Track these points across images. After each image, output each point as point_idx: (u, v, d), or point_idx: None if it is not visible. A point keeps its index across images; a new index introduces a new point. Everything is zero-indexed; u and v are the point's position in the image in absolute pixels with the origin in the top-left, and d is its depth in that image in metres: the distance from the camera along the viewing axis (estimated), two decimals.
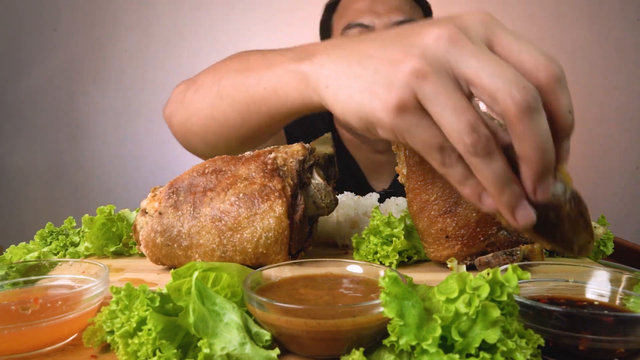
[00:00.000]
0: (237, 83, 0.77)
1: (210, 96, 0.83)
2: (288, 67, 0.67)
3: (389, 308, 0.41)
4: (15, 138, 3.13)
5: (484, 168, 0.46)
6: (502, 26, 0.50)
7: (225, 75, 0.81)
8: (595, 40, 2.80)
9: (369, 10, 1.42)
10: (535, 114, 0.45)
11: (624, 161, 2.87)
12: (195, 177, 0.74)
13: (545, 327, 0.44)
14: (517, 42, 0.48)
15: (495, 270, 0.42)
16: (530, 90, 0.44)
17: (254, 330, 0.47)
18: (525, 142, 0.45)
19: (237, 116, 0.79)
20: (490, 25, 0.50)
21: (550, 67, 0.47)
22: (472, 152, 0.46)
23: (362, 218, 0.96)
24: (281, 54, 0.72)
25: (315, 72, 0.62)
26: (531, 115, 0.44)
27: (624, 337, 0.43)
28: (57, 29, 3.05)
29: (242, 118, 0.79)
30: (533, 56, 0.47)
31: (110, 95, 3.07)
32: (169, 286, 0.51)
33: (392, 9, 1.42)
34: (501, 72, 0.45)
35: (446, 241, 0.72)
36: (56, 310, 0.48)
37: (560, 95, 0.47)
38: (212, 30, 2.97)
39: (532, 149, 0.45)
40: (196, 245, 0.70)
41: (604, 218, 0.90)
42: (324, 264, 0.59)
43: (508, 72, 0.45)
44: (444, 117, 0.47)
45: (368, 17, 1.41)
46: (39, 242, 0.90)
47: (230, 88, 0.79)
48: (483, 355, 0.38)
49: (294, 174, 0.72)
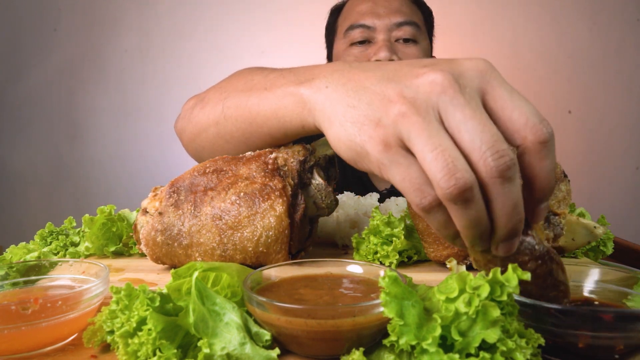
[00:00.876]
0: (240, 103, 0.79)
1: (215, 114, 0.85)
2: (288, 89, 0.69)
3: (388, 308, 0.41)
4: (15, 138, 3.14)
5: (459, 215, 0.46)
6: (500, 78, 0.50)
7: (230, 95, 0.83)
8: (595, 40, 2.80)
9: (370, 12, 1.48)
10: (507, 182, 0.44)
11: (624, 161, 2.87)
12: (196, 176, 0.74)
13: (544, 325, 0.44)
14: (511, 98, 0.48)
15: (496, 270, 0.42)
16: (505, 158, 0.44)
17: (254, 330, 0.47)
18: (495, 205, 0.45)
19: (240, 135, 0.81)
20: (487, 76, 0.49)
21: (539, 129, 0.46)
22: (448, 197, 0.45)
23: (362, 218, 0.96)
24: (283, 75, 0.74)
25: (312, 95, 0.63)
26: (503, 182, 0.44)
27: (623, 334, 0.43)
28: (57, 29, 3.05)
29: (245, 137, 0.81)
30: (524, 115, 0.47)
31: (110, 95, 3.07)
32: (169, 286, 0.51)
33: (393, 11, 1.48)
34: (481, 132, 0.45)
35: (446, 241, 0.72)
36: (56, 310, 0.48)
37: (545, 159, 0.46)
38: (212, 30, 2.98)
39: (501, 213, 0.45)
40: (196, 244, 0.70)
41: (604, 218, 0.90)
42: (324, 264, 0.59)
43: (488, 134, 0.45)
44: (424, 159, 0.46)
45: (370, 19, 1.47)
46: (39, 242, 0.90)
47: (233, 108, 0.81)
48: (483, 355, 0.38)
49: (295, 174, 0.72)
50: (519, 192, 0.45)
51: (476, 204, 0.45)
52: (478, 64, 0.51)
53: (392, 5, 1.48)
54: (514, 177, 0.44)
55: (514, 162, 0.44)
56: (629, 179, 2.88)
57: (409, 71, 0.52)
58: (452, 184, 0.44)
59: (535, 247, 0.48)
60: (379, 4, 1.49)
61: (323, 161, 0.79)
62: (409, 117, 0.48)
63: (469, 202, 0.45)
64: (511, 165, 0.44)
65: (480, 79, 0.49)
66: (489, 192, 0.45)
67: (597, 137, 2.85)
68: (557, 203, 0.72)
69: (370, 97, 0.53)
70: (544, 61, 2.79)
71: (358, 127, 0.53)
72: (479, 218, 0.45)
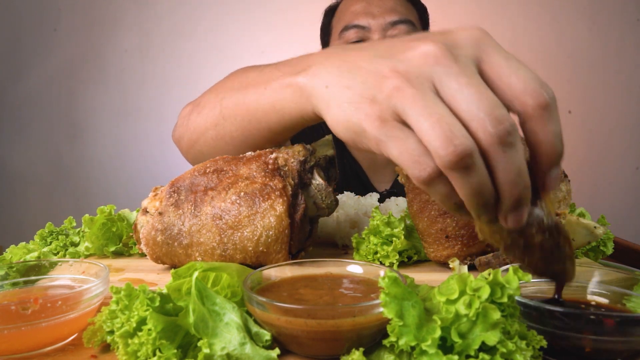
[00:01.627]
0: (238, 101, 0.79)
1: (213, 116, 0.85)
2: (284, 81, 0.69)
3: (388, 308, 0.41)
4: (15, 138, 3.13)
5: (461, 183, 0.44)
6: (495, 45, 0.48)
7: (226, 95, 0.83)
8: (595, 40, 2.80)
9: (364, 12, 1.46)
10: (508, 148, 0.43)
11: (624, 161, 2.87)
12: (196, 176, 0.74)
13: (547, 327, 0.44)
14: (508, 64, 0.46)
15: (496, 271, 0.42)
16: (504, 123, 0.43)
17: (254, 330, 0.47)
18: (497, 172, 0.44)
19: (240, 134, 0.81)
20: (482, 44, 0.48)
21: (539, 93, 0.44)
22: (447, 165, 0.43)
23: (362, 218, 0.96)
24: (278, 68, 0.74)
25: (309, 82, 0.63)
26: (504, 148, 0.43)
27: (626, 338, 0.43)
28: (57, 29, 3.05)
29: (245, 136, 0.81)
30: (522, 80, 0.45)
31: (110, 95, 3.07)
32: (169, 286, 0.51)
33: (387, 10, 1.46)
34: (478, 100, 0.44)
35: (446, 241, 0.72)
36: (56, 310, 0.48)
37: (548, 123, 0.45)
38: (212, 30, 2.97)
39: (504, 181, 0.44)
40: (196, 243, 0.70)
41: (604, 218, 0.90)
42: (324, 264, 0.59)
43: (485, 101, 0.43)
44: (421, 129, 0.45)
45: (364, 19, 1.46)
46: (39, 242, 0.90)
47: (231, 107, 0.81)
48: (482, 357, 0.38)
49: (295, 174, 0.72)
50: (521, 158, 0.44)
51: (477, 170, 0.43)
52: (472, 33, 0.49)
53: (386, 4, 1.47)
54: (514, 143, 0.43)
55: (514, 127, 0.43)
56: (629, 179, 2.88)
57: (401, 46, 0.51)
58: (451, 151, 0.42)
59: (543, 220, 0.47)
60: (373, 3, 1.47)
61: (323, 161, 0.79)
62: (403, 90, 0.47)
63: (470, 168, 0.43)
64: (511, 130, 0.43)
65: (475, 47, 0.48)
66: (490, 159, 0.43)
67: (597, 137, 2.85)
68: (557, 203, 0.72)
69: (365, 76, 0.52)
70: (544, 61, 2.79)
71: (354, 106, 0.52)
72: (481, 185, 0.44)
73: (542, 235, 0.47)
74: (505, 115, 0.43)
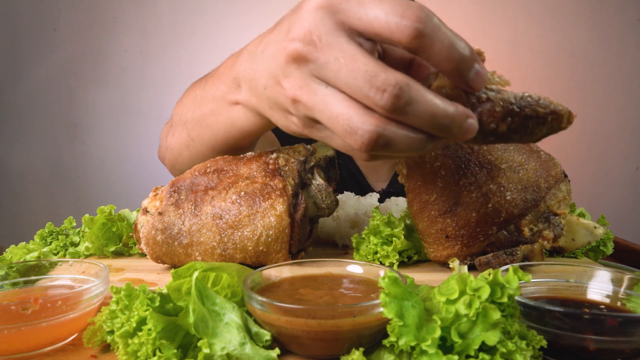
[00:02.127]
0: (199, 123, 0.83)
1: (184, 138, 0.88)
2: (227, 99, 0.72)
3: (388, 308, 0.41)
4: (15, 138, 3.13)
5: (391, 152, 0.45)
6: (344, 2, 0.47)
7: (187, 117, 0.86)
8: (595, 40, 2.80)
9: None
10: (406, 106, 0.43)
11: (624, 161, 2.87)
12: (197, 176, 0.74)
13: (547, 327, 0.44)
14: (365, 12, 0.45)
15: (496, 271, 0.42)
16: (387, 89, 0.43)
17: (254, 330, 0.47)
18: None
19: (211, 152, 0.84)
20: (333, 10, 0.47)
21: (404, 27, 0.43)
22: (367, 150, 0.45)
23: (362, 218, 0.96)
24: (214, 85, 0.76)
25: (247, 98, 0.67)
26: (401, 111, 0.43)
27: (626, 338, 0.43)
28: (57, 29, 3.05)
29: (217, 152, 0.84)
30: (383, 22, 0.44)
31: (110, 95, 3.07)
32: (169, 286, 0.51)
33: None
34: (354, 79, 0.44)
35: (446, 241, 0.72)
36: (56, 310, 0.48)
37: (431, 46, 0.43)
38: (212, 30, 2.97)
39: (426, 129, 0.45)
40: (197, 243, 0.70)
41: (604, 218, 0.90)
42: (324, 264, 0.59)
43: (360, 77, 0.44)
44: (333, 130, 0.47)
45: None
46: (39, 242, 0.90)
47: (195, 129, 0.84)
48: (482, 357, 0.38)
49: (295, 174, 0.72)
50: (425, 104, 0.43)
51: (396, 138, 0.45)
52: (315, 3, 0.48)
53: None
54: (409, 98, 0.43)
55: (399, 86, 0.43)
56: (629, 179, 2.88)
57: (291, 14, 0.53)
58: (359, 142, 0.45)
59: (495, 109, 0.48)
60: None
61: (323, 162, 0.79)
62: (300, 101, 0.50)
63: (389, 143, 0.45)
64: (398, 93, 0.43)
65: (329, 18, 0.47)
66: (400, 121, 0.44)
67: (597, 137, 2.85)
68: (557, 203, 0.72)
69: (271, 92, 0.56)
70: (544, 61, 2.79)
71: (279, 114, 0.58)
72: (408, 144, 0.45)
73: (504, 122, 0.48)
74: (386, 80, 0.43)
